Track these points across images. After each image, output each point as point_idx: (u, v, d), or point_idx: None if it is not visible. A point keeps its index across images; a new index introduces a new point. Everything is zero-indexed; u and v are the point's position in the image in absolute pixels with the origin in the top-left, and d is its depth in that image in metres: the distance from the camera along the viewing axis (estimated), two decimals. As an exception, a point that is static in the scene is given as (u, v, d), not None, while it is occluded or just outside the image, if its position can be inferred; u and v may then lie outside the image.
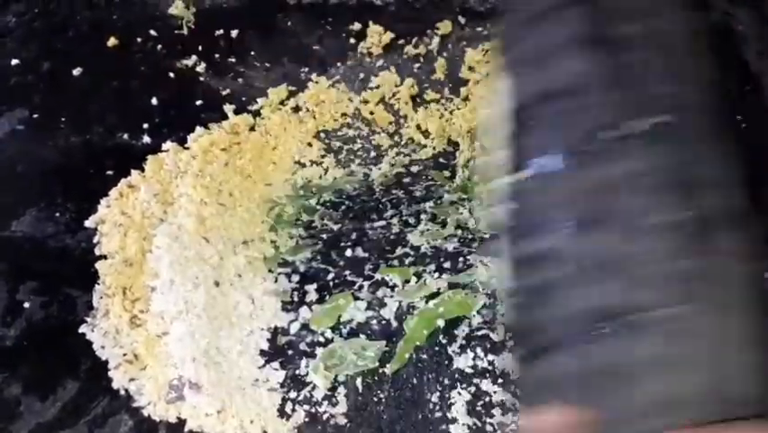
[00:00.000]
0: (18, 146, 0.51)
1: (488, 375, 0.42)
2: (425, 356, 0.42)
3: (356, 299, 0.44)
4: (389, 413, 0.41)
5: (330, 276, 0.46)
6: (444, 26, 0.55)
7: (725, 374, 0.25)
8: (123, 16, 0.57)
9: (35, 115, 0.52)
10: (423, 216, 0.47)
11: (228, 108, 0.52)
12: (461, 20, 0.56)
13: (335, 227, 0.47)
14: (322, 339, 0.43)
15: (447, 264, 0.46)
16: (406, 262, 0.46)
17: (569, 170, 0.28)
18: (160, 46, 0.56)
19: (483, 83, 0.52)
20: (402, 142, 0.51)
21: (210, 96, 0.53)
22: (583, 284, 0.27)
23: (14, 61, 0.55)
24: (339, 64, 0.55)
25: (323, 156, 0.51)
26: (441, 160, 0.50)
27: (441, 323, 0.43)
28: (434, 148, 0.50)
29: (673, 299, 0.25)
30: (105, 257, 0.46)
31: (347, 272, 0.46)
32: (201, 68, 0.54)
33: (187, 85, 0.54)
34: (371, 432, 0.40)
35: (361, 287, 0.45)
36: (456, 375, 0.42)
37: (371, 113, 0.52)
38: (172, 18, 0.56)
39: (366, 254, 0.46)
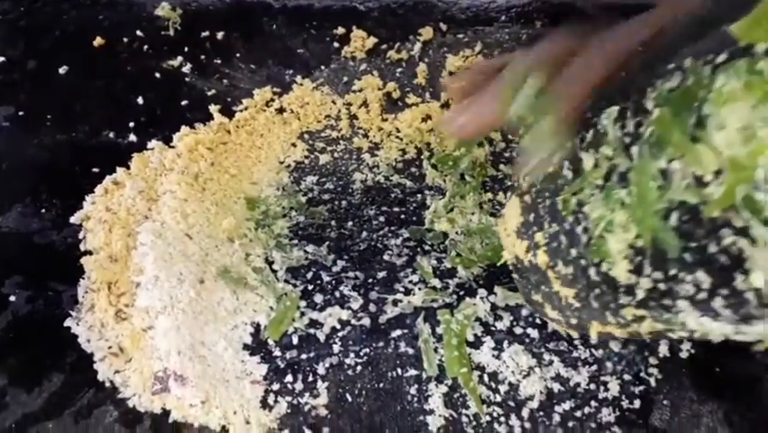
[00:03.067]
0: (4, 143, 0.51)
1: (464, 369, 0.43)
2: (404, 350, 0.43)
3: (342, 298, 0.46)
4: (369, 405, 0.42)
5: (312, 274, 0.47)
6: (426, 32, 0.57)
7: None
8: (109, 17, 0.58)
9: (21, 113, 0.53)
10: (403, 217, 0.49)
11: (213, 108, 0.52)
12: (443, 27, 0.57)
13: (319, 226, 0.49)
14: (304, 334, 0.44)
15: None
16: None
17: None
18: (146, 46, 0.56)
19: (463, 88, 0.54)
20: (382, 145, 0.52)
21: (195, 97, 0.54)
22: None
23: (0, 59, 0.55)
24: (323, 67, 0.56)
25: (306, 156, 0.52)
26: (416, 162, 0.51)
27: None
28: (415, 149, 0.52)
29: None
30: (90, 253, 0.46)
31: (331, 270, 0.47)
32: (187, 68, 0.55)
33: (173, 85, 0.54)
34: (351, 423, 0.41)
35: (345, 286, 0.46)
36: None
37: (354, 115, 0.53)
38: (158, 19, 0.57)
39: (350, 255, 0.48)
